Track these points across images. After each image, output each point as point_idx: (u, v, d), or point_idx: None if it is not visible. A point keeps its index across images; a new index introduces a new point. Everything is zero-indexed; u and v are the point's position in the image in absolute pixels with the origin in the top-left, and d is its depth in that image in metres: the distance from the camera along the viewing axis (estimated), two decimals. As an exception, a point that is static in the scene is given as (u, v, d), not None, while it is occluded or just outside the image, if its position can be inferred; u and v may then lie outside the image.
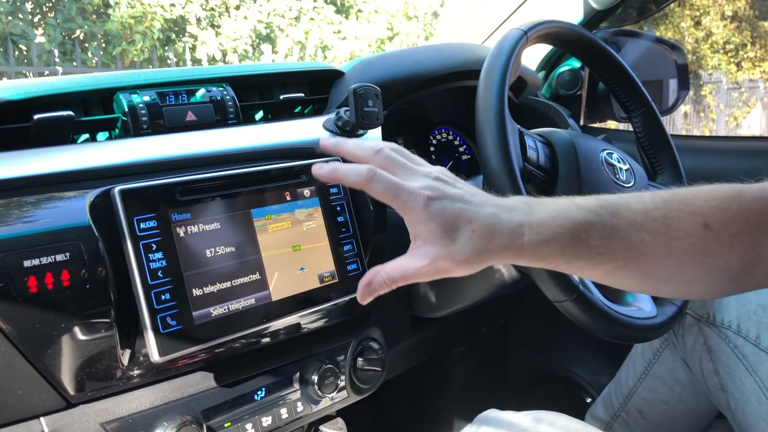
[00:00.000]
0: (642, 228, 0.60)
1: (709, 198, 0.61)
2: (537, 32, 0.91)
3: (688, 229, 0.60)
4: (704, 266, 0.61)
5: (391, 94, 1.03)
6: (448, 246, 0.59)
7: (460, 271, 0.61)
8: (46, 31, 7.13)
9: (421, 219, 0.60)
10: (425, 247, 0.60)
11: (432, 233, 0.60)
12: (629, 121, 1.09)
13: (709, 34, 8.57)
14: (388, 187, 0.61)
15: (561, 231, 0.60)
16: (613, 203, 0.62)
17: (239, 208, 0.75)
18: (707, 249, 0.60)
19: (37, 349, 0.64)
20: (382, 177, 0.61)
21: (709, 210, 0.60)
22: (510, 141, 0.81)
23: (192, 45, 7.95)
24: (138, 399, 0.72)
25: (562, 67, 1.51)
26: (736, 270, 0.61)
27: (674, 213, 0.61)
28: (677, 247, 0.60)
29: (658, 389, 1.10)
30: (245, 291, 0.74)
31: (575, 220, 0.60)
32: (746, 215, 0.60)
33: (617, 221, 0.61)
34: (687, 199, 0.62)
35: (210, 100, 0.86)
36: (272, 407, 0.82)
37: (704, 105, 9.34)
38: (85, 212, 0.66)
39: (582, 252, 0.60)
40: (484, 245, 0.59)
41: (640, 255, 0.61)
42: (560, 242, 0.60)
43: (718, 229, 0.60)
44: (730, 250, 0.60)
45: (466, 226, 0.59)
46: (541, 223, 0.60)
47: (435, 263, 0.60)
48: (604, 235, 0.60)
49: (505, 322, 1.66)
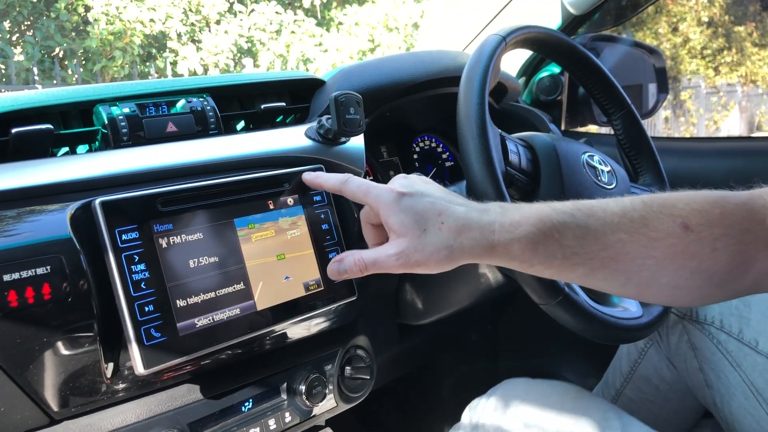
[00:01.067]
0: (618, 228, 0.61)
1: (690, 201, 0.61)
2: (515, 37, 0.92)
3: (666, 229, 0.60)
4: (687, 269, 0.61)
5: (372, 101, 1.03)
6: (419, 238, 0.62)
7: (431, 264, 0.63)
8: (24, 49, 7.10)
9: (392, 212, 0.64)
10: (398, 240, 0.64)
11: (403, 225, 0.63)
12: (609, 125, 1.10)
13: (686, 39, 8.68)
14: (360, 186, 0.69)
15: (533, 230, 0.61)
16: (589, 205, 0.63)
17: (222, 218, 0.74)
18: (689, 251, 0.60)
19: (18, 364, 0.63)
20: (355, 179, 0.70)
21: (689, 212, 0.60)
22: (491, 145, 0.81)
23: (173, 60, 7.94)
24: (123, 413, 0.71)
25: (542, 72, 1.52)
26: (722, 274, 0.61)
27: (653, 214, 0.61)
28: (656, 248, 0.60)
29: (645, 389, 1.11)
30: (230, 301, 0.73)
31: (548, 220, 0.61)
32: (730, 219, 0.60)
33: (593, 222, 0.61)
34: (668, 201, 0.62)
35: (191, 110, 0.86)
36: (260, 418, 0.81)
37: (684, 109, 9.45)
38: (66, 225, 0.66)
39: (556, 251, 0.61)
40: (453, 238, 0.62)
41: (617, 255, 0.61)
42: (532, 241, 0.61)
43: (700, 231, 0.60)
44: (714, 253, 0.60)
45: (435, 218, 0.62)
46: (513, 222, 0.61)
47: (406, 254, 0.63)
48: (579, 235, 0.61)
49: (493, 328, 1.66)
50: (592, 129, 1.65)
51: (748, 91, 9.64)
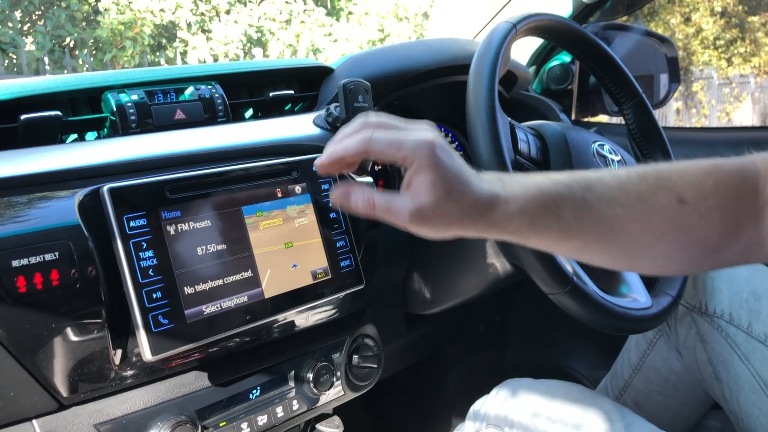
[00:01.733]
0: (615, 202, 0.60)
1: (684, 173, 0.61)
2: (526, 25, 0.91)
3: (662, 203, 0.60)
4: (680, 241, 0.61)
5: (381, 89, 1.02)
6: (439, 202, 0.58)
7: (438, 230, 0.60)
8: (35, 38, 7.12)
9: (428, 168, 0.58)
10: (418, 197, 0.59)
11: (432, 184, 0.58)
12: (620, 114, 1.09)
13: (699, 30, 8.60)
14: (390, 141, 0.59)
15: (532, 202, 0.60)
16: (587, 178, 0.62)
17: (230, 206, 0.74)
18: (682, 223, 0.60)
19: (27, 350, 0.63)
20: (379, 135, 0.59)
21: (683, 185, 0.60)
22: (501, 133, 0.81)
23: (183, 50, 7.94)
24: (132, 399, 0.71)
25: (553, 61, 1.51)
26: (713, 244, 0.61)
27: (648, 188, 0.61)
28: (651, 222, 0.60)
29: (653, 380, 1.10)
30: (237, 288, 0.73)
31: (547, 193, 0.60)
32: (723, 189, 0.60)
33: (590, 195, 0.61)
34: (662, 174, 0.62)
35: (199, 98, 0.86)
36: (267, 406, 0.81)
37: (696, 101, 9.38)
38: (74, 211, 0.66)
39: (553, 224, 0.60)
40: (467, 210, 0.59)
41: (613, 229, 0.61)
42: (531, 214, 0.60)
43: (694, 203, 0.60)
44: (707, 224, 0.60)
45: (461, 187, 0.59)
46: (514, 195, 0.60)
47: (422, 214, 0.59)
48: (576, 208, 0.60)
49: (501, 319, 1.66)
50: (603, 118, 1.64)
51: (762, 82, 9.55)
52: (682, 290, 0.96)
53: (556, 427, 0.85)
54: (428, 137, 0.59)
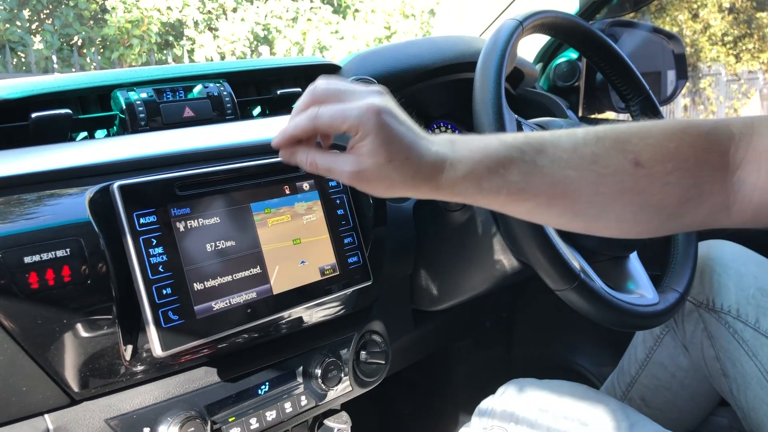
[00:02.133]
0: (567, 165, 0.60)
1: (646, 136, 0.60)
2: (533, 22, 0.91)
3: (616, 166, 0.59)
4: (635, 204, 0.60)
5: (388, 87, 1.02)
6: (381, 165, 0.60)
7: (378, 191, 0.62)
8: (43, 37, 7.15)
9: (371, 131, 0.59)
10: (360, 158, 0.60)
11: (374, 149, 0.59)
12: (627, 111, 1.09)
13: (707, 26, 8.57)
14: (334, 114, 0.61)
15: (477, 167, 0.60)
16: (541, 140, 0.61)
17: (238, 202, 0.75)
18: (638, 186, 0.59)
19: (39, 345, 0.64)
20: (324, 110, 0.61)
21: (643, 147, 0.59)
22: (508, 130, 0.81)
23: (190, 48, 7.96)
24: (142, 395, 0.72)
25: (560, 58, 1.51)
26: (673, 207, 0.60)
27: (604, 150, 0.60)
28: (605, 184, 0.60)
29: (660, 376, 1.10)
30: (246, 285, 0.74)
31: (494, 156, 0.60)
32: (687, 153, 0.59)
33: (541, 158, 0.60)
34: (622, 136, 0.61)
35: (207, 96, 0.86)
36: (276, 401, 0.82)
37: (704, 97, 9.34)
38: (85, 208, 0.67)
39: (501, 187, 0.60)
40: (411, 174, 0.60)
41: (564, 192, 0.60)
42: (477, 177, 0.60)
43: (651, 166, 0.59)
44: (665, 187, 0.59)
45: (404, 152, 0.60)
46: (460, 159, 0.60)
47: (361, 176, 0.60)
48: (525, 171, 0.60)
49: (507, 315, 1.66)
50: (610, 115, 1.64)
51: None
52: (690, 286, 0.96)
53: (561, 424, 0.85)
54: (373, 102, 0.60)
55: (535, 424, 0.87)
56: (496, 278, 1.03)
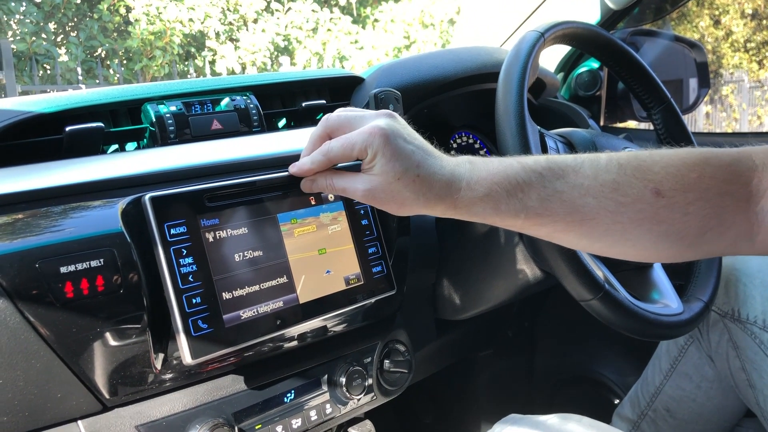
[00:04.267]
0: (588, 192, 0.60)
1: (668, 165, 0.60)
2: (554, 33, 0.92)
3: (636, 195, 0.59)
4: (654, 233, 0.60)
5: (410, 98, 1.04)
6: (390, 184, 0.63)
7: (392, 208, 0.65)
8: (68, 49, 7.27)
9: (377, 151, 0.63)
10: (371, 177, 0.64)
11: (382, 167, 0.63)
12: (649, 120, 1.09)
13: (729, 32, 8.48)
14: (344, 144, 0.65)
15: (496, 189, 0.61)
16: (562, 166, 0.62)
17: (266, 213, 0.76)
18: (658, 216, 0.59)
19: (74, 353, 0.65)
20: (335, 143, 0.66)
21: (664, 177, 0.59)
22: (531, 142, 0.82)
23: (212, 59, 8.05)
24: (171, 402, 0.74)
25: (581, 68, 1.51)
26: (693, 237, 0.60)
27: (625, 178, 0.60)
28: (624, 213, 0.60)
29: (685, 386, 1.10)
30: (273, 294, 0.75)
31: (513, 179, 0.61)
32: (708, 183, 0.59)
33: (561, 184, 0.60)
34: (644, 165, 0.61)
35: (234, 108, 0.88)
36: (301, 409, 0.83)
37: (726, 104, 9.24)
38: (117, 219, 0.68)
39: (519, 211, 0.61)
40: (422, 193, 0.62)
41: (582, 219, 0.60)
42: (494, 200, 0.61)
43: (672, 196, 0.59)
44: (685, 217, 0.59)
45: (413, 170, 0.62)
46: (479, 180, 0.61)
47: (374, 194, 0.64)
48: (544, 197, 0.60)
49: (530, 324, 1.66)
50: (632, 124, 1.64)
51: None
52: (714, 295, 0.96)
53: None
54: (378, 124, 0.64)
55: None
56: (519, 288, 1.03)
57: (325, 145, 0.68)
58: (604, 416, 0.86)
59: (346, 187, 0.67)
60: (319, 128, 0.70)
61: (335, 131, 0.68)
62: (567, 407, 0.87)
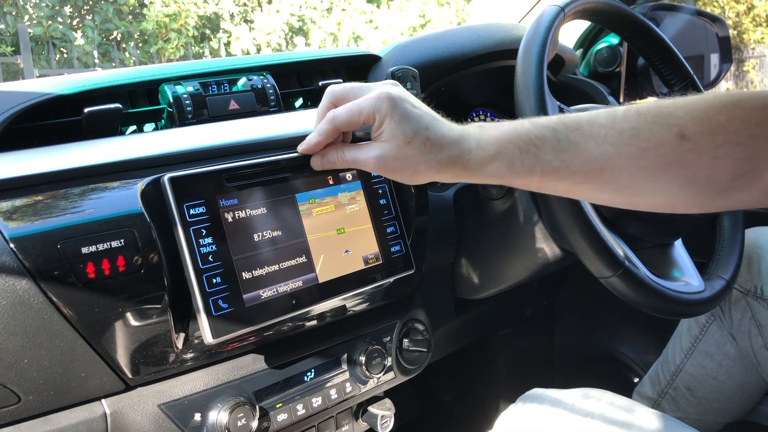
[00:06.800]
0: (605, 140, 0.58)
1: (693, 109, 0.57)
2: (574, 8, 0.91)
3: (659, 139, 0.57)
4: (681, 178, 0.58)
5: (428, 76, 1.03)
6: (401, 148, 0.63)
7: (405, 174, 0.65)
8: (84, 33, 7.29)
9: (386, 116, 0.63)
10: (382, 144, 0.64)
11: (392, 132, 0.63)
12: (670, 96, 1.08)
13: (750, 7, 8.32)
14: (350, 109, 0.66)
15: (508, 146, 0.60)
16: (576, 120, 0.60)
17: (284, 193, 0.76)
18: (683, 160, 0.57)
19: (96, 333, 0.66)
20: (339, 110, 0.67)
21: (689, 120, 0.57)
22: (550, 118, 0.81)
23: (226, 41, 8.04)
24: (193, 381, 0.74)
25: (600, 44, 1.49)
26: (724, 183, 0.57)
27: (646, 125, 0.58)
28: (646, 158, 0.58)
29: (706, 365, 1.09)
30: (292, 274, 0.75)
31: (525, 136, 0.60)
32: (738, 126, 0.56)
33: (576, 135, 0.59)
34: (666, 110, 0.58)
35: (251, 88, 0.88)
36: (321, 388, 0.83)
37: (747, 81, 9.09)
38: (137, 200, 0.68)
39: (534, 167, 0.60)
40: (433, 156, 0.62)
41: (602, 168, 0.59)
42: (507, 158, 0.60)
43: (697, 140, 0.56)
44: (714, 161, 0.56)
45: (423, 131, 0.62)
46: (489, 138, 0.61)
47: (385, 160, 0.64)
48: (559, 149, 0.59)
49: (549, 303, 1.66)
50: (652, 101, 1.61)
51: (818, 60, 9.20)
52: (736, 274, 0.95)
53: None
54: (386, 91, 0.64)
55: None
56: (538, 266, 1.03)
57: (330, 113, 0.68)
58: (624, 394, 0.86)
59: (356, 158, 0.67)
60: (325, 100, 0.70)
61: (341, 100, 0.68)
62: (586, 385, 0.87)
